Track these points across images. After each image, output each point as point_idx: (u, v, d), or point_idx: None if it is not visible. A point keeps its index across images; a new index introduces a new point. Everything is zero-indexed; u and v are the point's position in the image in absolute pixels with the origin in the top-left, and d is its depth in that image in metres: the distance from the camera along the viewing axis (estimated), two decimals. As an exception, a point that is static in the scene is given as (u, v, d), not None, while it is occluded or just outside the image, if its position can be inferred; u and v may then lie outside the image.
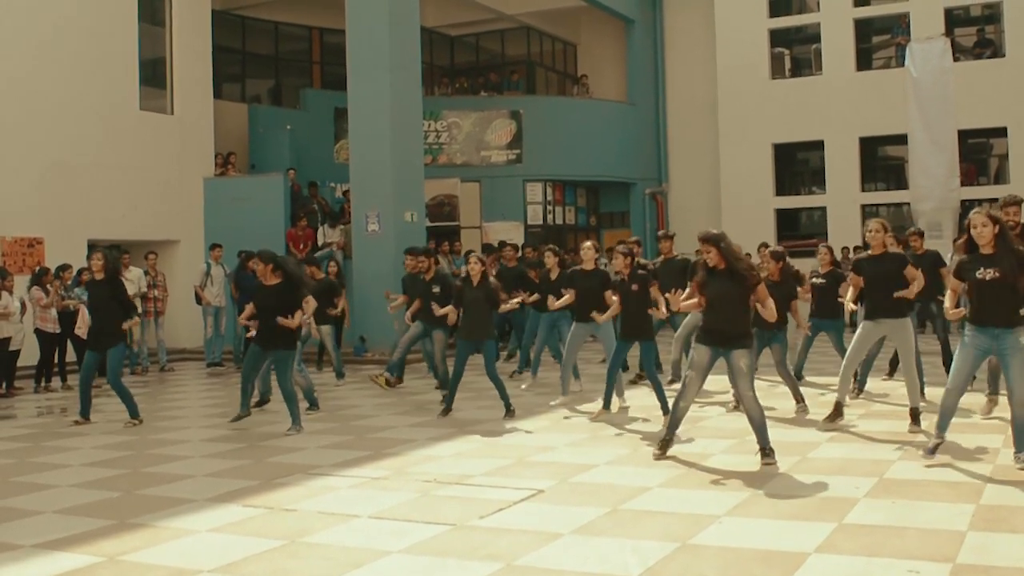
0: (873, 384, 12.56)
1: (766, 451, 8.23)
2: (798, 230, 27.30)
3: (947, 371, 9.58)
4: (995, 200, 24.25)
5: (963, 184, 25.00)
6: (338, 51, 24.22)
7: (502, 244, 21.25)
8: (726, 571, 5.65)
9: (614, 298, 11.09)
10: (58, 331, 15.68)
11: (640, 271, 11.24)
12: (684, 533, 6.36)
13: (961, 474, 7.74)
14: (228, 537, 6.68)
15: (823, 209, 27.09)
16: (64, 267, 16.21)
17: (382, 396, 13.64)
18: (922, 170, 24.98)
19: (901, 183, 26.56)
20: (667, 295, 9.56)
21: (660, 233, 15.27)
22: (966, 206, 25.00)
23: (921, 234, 12.87)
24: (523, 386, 13.76)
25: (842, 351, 12.72)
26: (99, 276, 11.79)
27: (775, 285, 10.92)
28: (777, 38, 27.95)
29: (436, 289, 13.07)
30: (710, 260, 8.40)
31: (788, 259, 11.73)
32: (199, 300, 18.60)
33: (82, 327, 15.76)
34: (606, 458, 8.92)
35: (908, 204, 25.58)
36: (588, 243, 12.22)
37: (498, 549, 6.18)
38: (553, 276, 13.80)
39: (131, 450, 10.17)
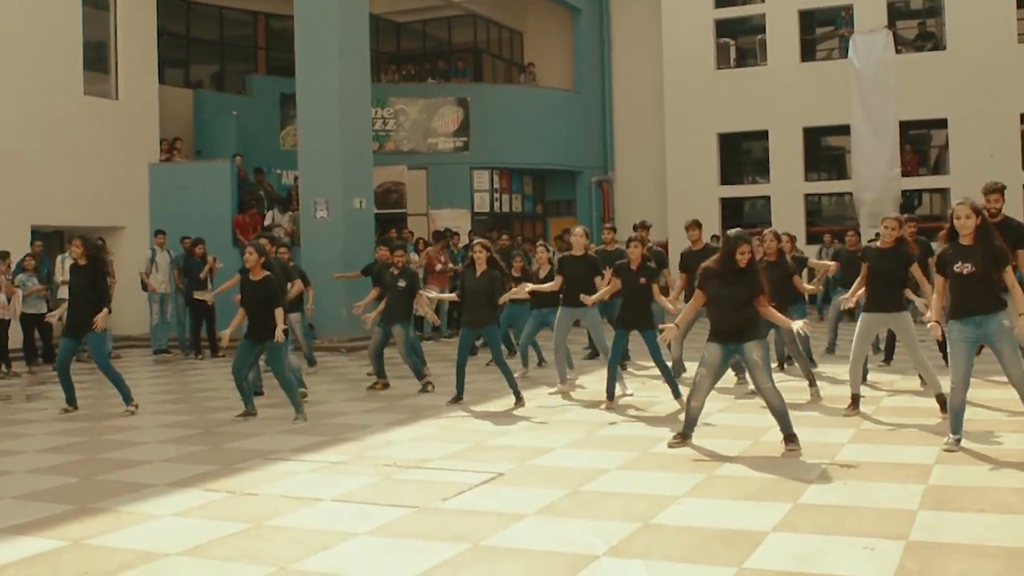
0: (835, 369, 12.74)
1: (790, 438, 8.29)
2: (742, 219, 27.58)
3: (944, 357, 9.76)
4: (938, 191, 24.82)
5: (904, 174, 25.48)
6: (283, 37, 24.11)
7: (448, 232, 21.35)
8: (689, 549, 5.78)
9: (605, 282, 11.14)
10: (8, 317, 15.51)
11: (650, 263, 11.18)
12: (645, 513, 6.49)
13: (911, 454, 7.95)
14: (192, 521, 6.70)
15: (767, 198, 27.42)
16: (3, 254, 15.97)
17: (336, 383, 13.64)
18: (864, 160, 25.42)
19: (843, 173, 26.99)
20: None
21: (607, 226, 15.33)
22: (906, 196, 25.52)
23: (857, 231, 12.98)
24: (515, 374, 13.77)
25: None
26: (82, 262, 11.57)
27: (773, 265, 11.04)
28: (722, 29, 28.21)
29: (402, 284, 12.90)
30: (742, 260, 8.26)
31: (782, 240, 11.90)
32: (144, 287, 18.44)
33: (7, 311, 15.59)
34: (563, 442, 9.04)
35: (850, 194, 26.00)
36: (579, 229, 12.36)
37: (463, 530, 6.26)
38: (542, 273, 13.71)
39: (85, 436, 10.12)
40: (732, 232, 8.49)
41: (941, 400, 9.55)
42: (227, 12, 26.90)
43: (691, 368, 10.71)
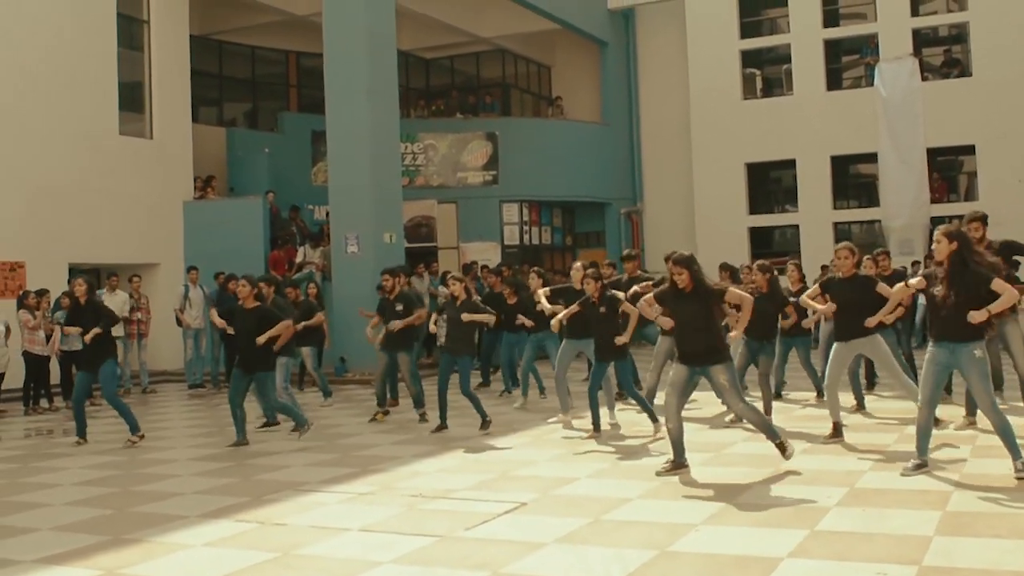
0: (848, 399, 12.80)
1: (781, 445, 8.62)
2: (771, 248, 27.68)
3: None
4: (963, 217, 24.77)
5: (933, 201, 25.54)
6: (314, 74, 24.49)
7: (474, 265, 21.67)
8: (704, 575, 5.90)
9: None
10: (46, 354, 15.86)
11: (609, 294, 11.36)
12: (663, 541, 6.62)
13: (930, 482, 8.03)
14: (223, 551, 6.89)
15: (796, 227, 27.52)
16: (41, 292, 16.35)
17: (366, 415, 13.81)
18: (892, 188, 25.52)
19: (872, 201, 27.05)
20: None
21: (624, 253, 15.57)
22: (936, 223, 25.43)
23: (888, 254, 13.08)
24: (515, 404, 14.02)
25: (809, 366, 13.08)
26: (83, 300, 12.01)
27: (764, 297, 11.23)
28: (748, 59, 28.45)
29: (399, 307, 13.28)
30: (680, 281, 8.61)
31: (775, 273, 12.03)
32: (179, 323, 18.77)
33: (53, 348, 15.96)
34: (586, 472, 9.17)
35: (879, 222, 26.08)
36: (578, 263, 12.72)
37: (485, 558, 6.41)
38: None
39: (120, 469, 10.36)
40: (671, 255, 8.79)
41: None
42: (259, 51, 27.42)
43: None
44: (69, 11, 19.49)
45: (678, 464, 8.78)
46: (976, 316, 7.73)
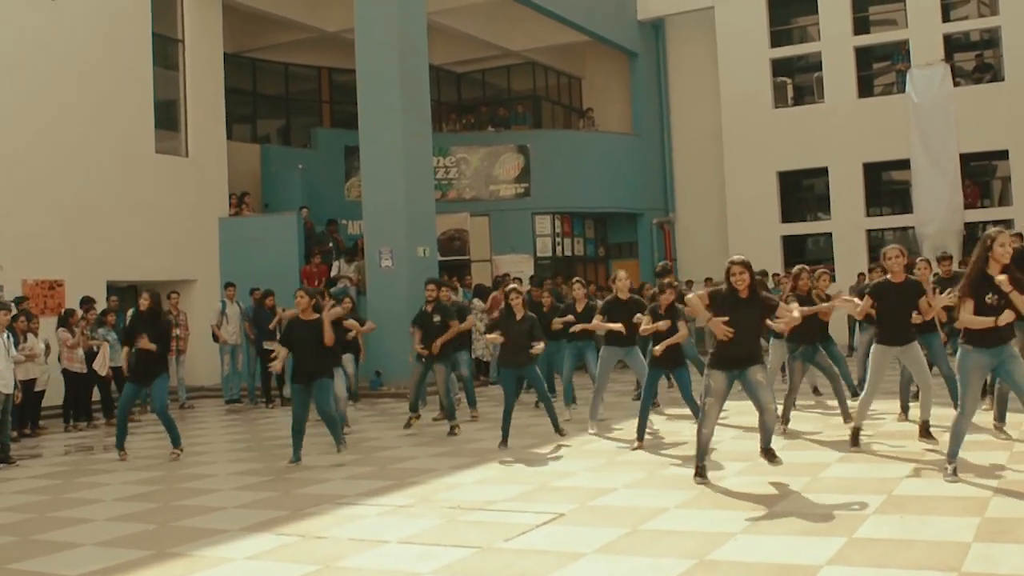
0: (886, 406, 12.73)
1: (768, 450, 8.82)
2: (804, 256, 27.57)
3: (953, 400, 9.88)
4: (1001, 222, 24.69)
5: (966, 207, 25.40)
6: (347, 90, 24.71)
7: (506, 277, 21.76)
8: (743, 584, 5.94)
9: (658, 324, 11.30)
10: (85, 371, 16.07)
11: (677, 305, 11.39)
12: (701, 550, 6.65)
13: (968, 489, 8.01)
14: (265, 564, 6.98)
15: (829, 235, 27.42)
16: (87, 301, 16.60)
17: (402, 428, 13.90)
18: (925, 194, 25.42)
19: (906, 207, 26.92)
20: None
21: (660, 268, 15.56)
22: (970, 229, 25.36)
23: (928, 262, 12.90)
24: (565, 418, 13.94)
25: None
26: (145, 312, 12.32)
27: (803, 300, 11.27)
28: (779, 67, 28.40)
29: (436, 319, 13.39)
30: (741, 283, 8.61)
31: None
32: (216, 338, 18.95)
33: (102, 365, 16.18)
34: (624, 482, 9.21)
35: (913, 228, 25.96)
36: (622, 273, 12.77)
37: (523, 569, 6.47)
38: (579, 308, 13.89)
39: (161, 484, 10.49)
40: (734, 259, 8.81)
41: (925, 428, 10.02)
42: (292, 68, 27.66)
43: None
44: (106, 31, 19.75)
45: (703, 468, 8.87)
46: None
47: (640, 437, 11.21)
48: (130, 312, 17.06)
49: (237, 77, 24.91)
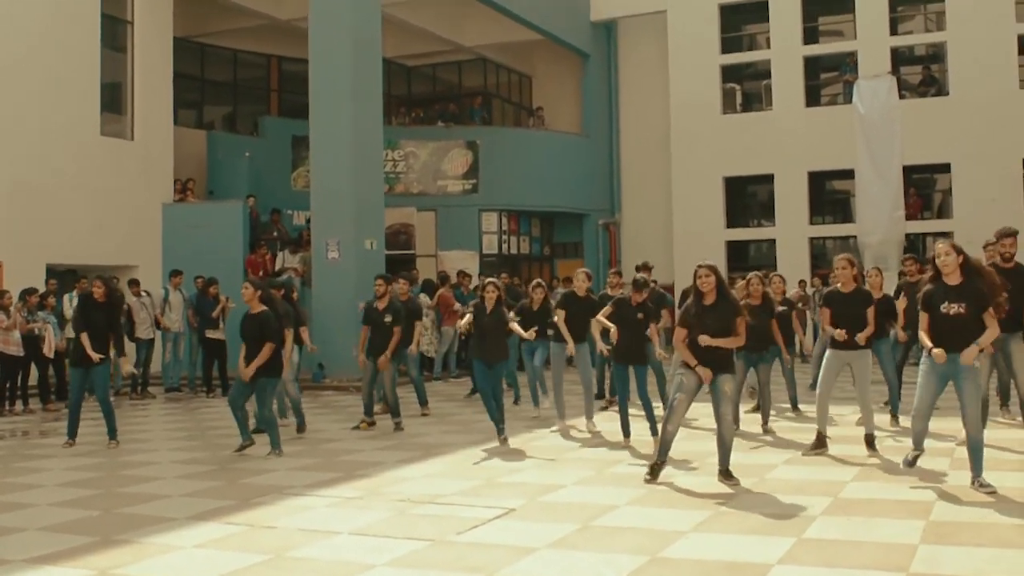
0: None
1: (726, 472, 8.64)
2: (747, 262, 27.80)
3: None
4: (942, 234, 25.13)
5: (908, 218, 25.81)
6: (296, 79, 24.49)
7: (453, 273, 21.68)
8: (696, 581, 5.98)
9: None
10: (21, 354, 15.74)
11: (647, 303, 11.46)
12: (654, 547, 6.68)
13: (913, 492, 8.14)
14: (214, 552, 6.90)
15: (772, 241, 27.67)
16: (30, 291, 16.26)
17: (347, 421, 13.81)
18: (868, 204, 25.80)
19: (848, 216, 27.30)
20: None
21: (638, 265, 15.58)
22: (910, 239, 25.77)
23: (879, 270, 13.02)
24: (533, 415, 13.90)
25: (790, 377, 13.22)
26: (101, 300, 12.02)
27: (757, 308, 11.29)
28: (729, 74, 28.60)
29: (388, 319, 13.00)
30: (705, 286, 8.69)
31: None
32: (158, 326, 18.67)
33: (48, 348, 15.91)
34: (573, 479, 9.23)
35: (855, 237, 26.30)
36: (582, 271, 12.78)
37: (478, 562, 6.45)
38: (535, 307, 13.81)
39: (103, 471, 10.32)
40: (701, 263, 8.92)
41: (869, 440, 9.98)
42: (241, 55, 27.38)
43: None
44: (53, 9, 19.39)
45: (662, 464, 8.90)
46: (968, 355, 7.96)
47: (626, 435, 11.21)
48: (70, 296, 16.89)
49: (185, 62, 24.57)
